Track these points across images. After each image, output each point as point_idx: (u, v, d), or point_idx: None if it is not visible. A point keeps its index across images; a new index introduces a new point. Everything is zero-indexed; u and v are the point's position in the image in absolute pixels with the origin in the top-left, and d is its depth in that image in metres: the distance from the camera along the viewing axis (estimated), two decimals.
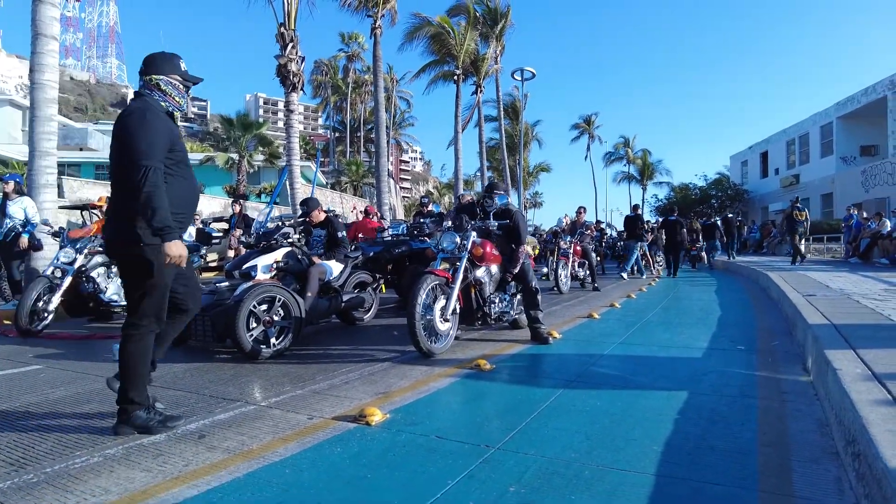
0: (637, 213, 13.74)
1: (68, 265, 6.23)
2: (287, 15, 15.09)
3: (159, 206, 2.59)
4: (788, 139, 30.99)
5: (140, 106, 2.76)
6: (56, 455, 2.47)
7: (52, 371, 4.24)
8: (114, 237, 2.81)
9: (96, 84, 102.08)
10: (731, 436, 2.65)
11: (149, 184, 2.56)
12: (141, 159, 2.58)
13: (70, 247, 6.36)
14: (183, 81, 2.94)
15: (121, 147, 2.69)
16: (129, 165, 2.60)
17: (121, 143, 2.69)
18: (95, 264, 6.55)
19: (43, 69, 7.92)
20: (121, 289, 6.72)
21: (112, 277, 6.70)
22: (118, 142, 2.72)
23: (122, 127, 2.71)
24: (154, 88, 2.86)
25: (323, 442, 2.60)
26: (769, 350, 4.72)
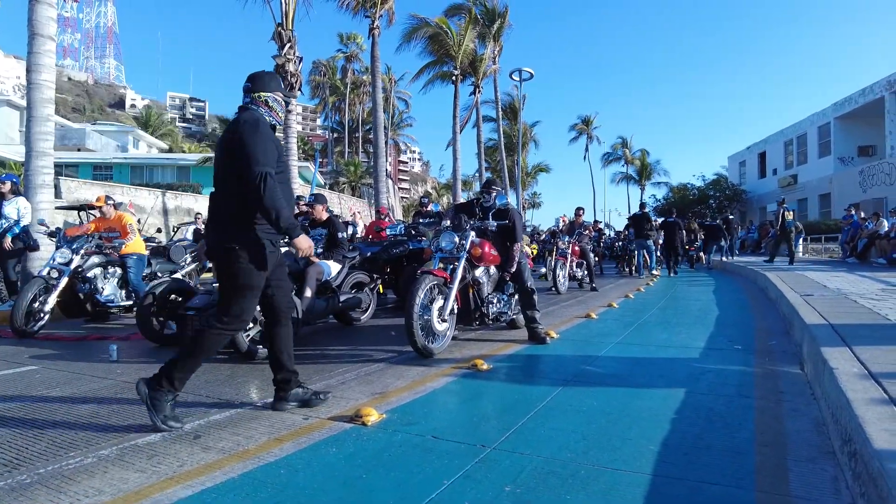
0: (644, 212, 14.00)
1: (64, 266, 6.18)
2: (285, 15, 15.07)
3: (281, 207, 2.82)
4: (786, 139, 31.04)
5: (252, 117, 2.96)
6: (50, 456, 2.46)
7: (48, 372, 4.22)
8: (215, 239, 2.97)
9: (94, 84, 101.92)
10: (728, 435, 2.64)
11: (268, 189, 2.77)
12: (258, 166, 2.77)
13: (66, 247, 6.31)
14: (284, 98, 3.20)
15: (233, 155, 2.86)
16: (246, 172, 2.79)
17: (234, 151, 2.86)
18: (92, 265, 6.50)
19: (40, 69, 7.90)
20: (118, 289, 6.69)
21: (109, 278, 6.66)
22: (229, 150, 2.89)
23: (236, 137, 2.86)
24: (261, 104, 3.07)
25: (318, 442, 2.59)
26: (767, 350, 4.72)
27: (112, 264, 6.73)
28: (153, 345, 5.21)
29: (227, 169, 2.90)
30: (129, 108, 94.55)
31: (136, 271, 6.78)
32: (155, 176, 31.73)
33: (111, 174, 31.59)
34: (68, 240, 6.43)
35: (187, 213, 20.28)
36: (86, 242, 6.45)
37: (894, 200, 20.08)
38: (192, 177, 30.81)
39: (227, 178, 2.92)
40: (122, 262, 6.77)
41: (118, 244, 6.72)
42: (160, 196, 20.20)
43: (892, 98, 22.12)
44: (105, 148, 37.64)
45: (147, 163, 34.04)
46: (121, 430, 2.80)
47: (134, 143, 44.67)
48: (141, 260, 6.96)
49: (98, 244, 6.64)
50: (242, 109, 3.05)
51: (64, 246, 6.33)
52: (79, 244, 6.37)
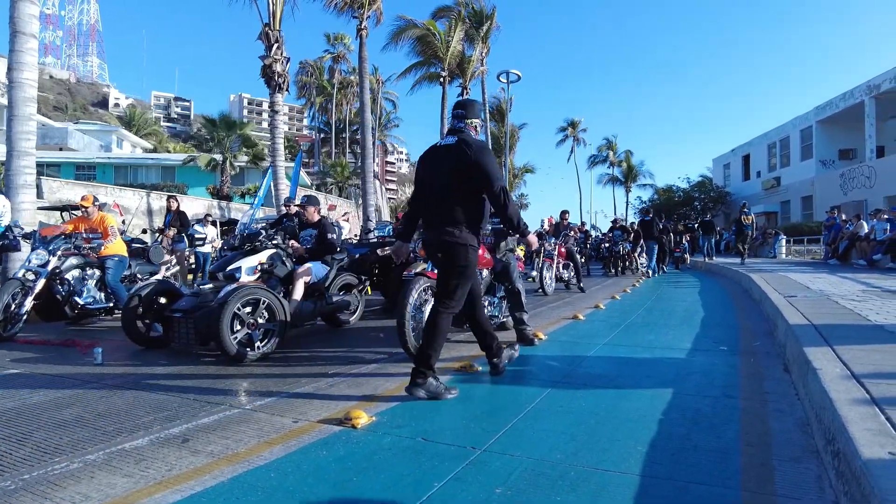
0: (651, 217, 15.29)
1: (41, 267, 6.02)
2: (272, 15, 14.99)
3: (517, 212, 3.60)
4: (770, 142, 31.47)
5: (477, 141, 3.57)
6: (34, 461, 2.43)
7: (31, 375, 4.16)
8: (447, 239, 3.46)
9: (77, 83, 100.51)
10: (715, 436, 2.68)
11: (509, 199, 3.51)
12: (497, 182, 3.44)
13: (42, 248, 6.13)
14: (480, 123, 3.82)
15: (469, 172, 3.42)
16: (488, 187, 3.44)
17: (468, 169, 3.42)
18: (70, 266, 6.33)
19: (21, 67, 7.78)
20: (98, 291, 6.54)
21: (87, 280, 6.50)
22: (461, 168, 3.43)
23: (471, 158, 3.41)
24: (472, 129, 3.65)
25: (308, 445, 2.58)
26: (751, 350, 4.78)
27: (90, 266, 6.55)
28: (138, 347, 5.15)
29: (460, 183, 3.46)
30: (113, 107, 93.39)
31: (114, 273, 6.60)
32: (139, 176, 31.37)
33: (94, 174, 31.15)
34: (44, 241, 6.23)
35: None
36: (63, 243, 6.29)
37: (874, 203, 20.44)
38: (176, 177, 30.52)
39: (457, 190, 3.47)
40: (101, 264, 6.59)
41: (97, 245, 6.55)
42: (145, 196, 19.98)
43: (872, 102, 22.52)
44: (88, 147, 37.15)
45: (131, 163, 33.63)
46: (108, 434, 2.77)
47: (118, 142, 44.15)
48: (121, 262, 6.79)
49: (77, 245, 6.46)
50: (457, 132, 3.60)
51: (40, 247, 6.15)
52: (55, 245, 6.20)
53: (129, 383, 3.84)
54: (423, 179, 3.72)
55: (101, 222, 6.76)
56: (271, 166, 16.62)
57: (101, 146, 39.88)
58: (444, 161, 3.53)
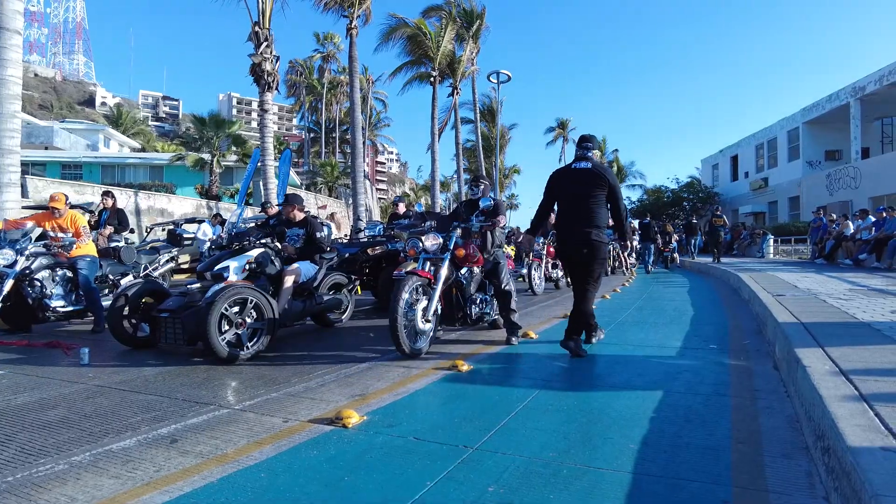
0: (649, 220, 16.81)
1: (8, 268, 5.63)
2: (261, 13, 14.90)
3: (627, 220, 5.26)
4: (758, 143, 31.75)
5: (604, 165, 5.00)
6: (19, 463, 2.38)
7: (15, 377, 4.09)
8: (591, 238, 4.43)
9: (62, 81, 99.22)
10: (706, 433, 2.69)
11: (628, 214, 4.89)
12: (623, 199, 4.60)
13: (9, 247, 5.74)
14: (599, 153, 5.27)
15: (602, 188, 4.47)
16: (616, 202, 4.54)
17: (603, 185, 4.47)
18: (40, 266, 5.90)
19: (6, 64, 7.68)
20: (69, 293, 6.16)
21: (58, 281, 6.12)
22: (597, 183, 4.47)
23: (605, 177, 4.50)
24: (595, 155, 4.74)
25: (299, 445, 2.56)
26: (741, 348, 4.81)
27: (60, 266, 6.12)
28: (125, 348, 5.09)
29: (597, 195, 4.46)
30: (100, 105, 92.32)
31: (88, 274, 6.23)
32: (127, 175, 31.04)
33: (81, 173, 30.78)
34: (10, 239, 5.82)
35: (160, 214, 19.89)
36: (30, 242, 5.91)
37: (859, 203, 20.67)
38: (165, 176, 30.25)
39: (595, 202, 4.46)
40: (73, 265, 6.19)
41: (68, 243, 6.15)
42: (133, 196, 19.77)
43: (857, 104, 22.78)
44: (74, 146, 36.70)
45: (119, 162, 33.26)
46: (94, 435, 2.73)
47: (105, 141, 43.67)
48: (94, 262, 6.45)
49: (46, 245, 6.11)
50: (586, 158, 4.62)
51: (6, 246, 5.75)
52: (23, 244, 5.82)
53: (117, 384, 3.79)
54: (560, 192, 4.71)
55: (72, 222, 6.45)
56: (252, 164, 16.55)
57: (88, 145, 39.42)
58: (584, 180, 4.52)
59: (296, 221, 6.10)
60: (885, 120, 24.23)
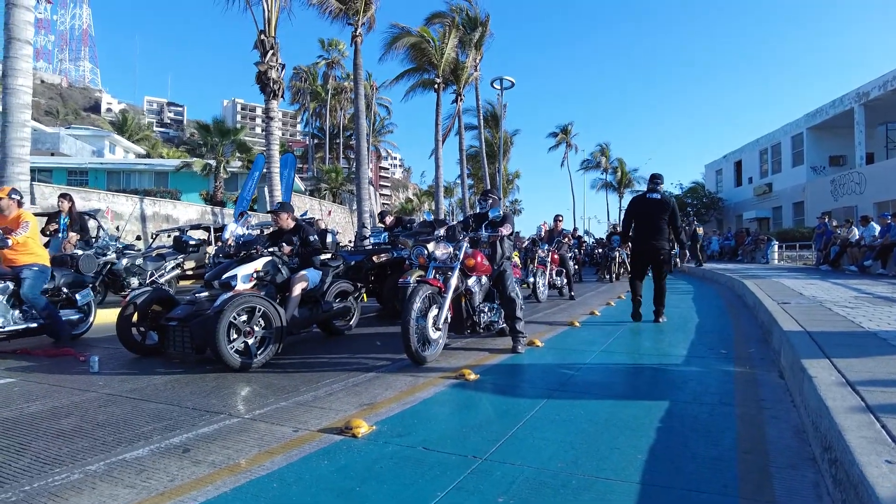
0: None
1: None
2: (267, 22, 15.02)
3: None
4: (761, 149, 31.73)
5: (670, 198, 6.84)
6: (35, 472, 2.42)
7: (27, 385, 4.13)
8: (663, 248, 6.57)
9: (68, 88, 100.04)
10: (712, 443, 2.71)
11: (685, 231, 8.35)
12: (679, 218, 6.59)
13: None
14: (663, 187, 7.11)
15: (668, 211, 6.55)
16: (677, 222, 6.59)
17: (669, 210, 6.55)
18: None
19: (16, 74, 7.76)
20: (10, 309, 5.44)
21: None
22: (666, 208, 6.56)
23: (671, 205, 6.60)
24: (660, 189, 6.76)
25: (309, 455, 2.59)
26: (746, 357, 4.82)
27: (3, 278, 5.43)
28: (134, 356, 5.13)
29: (663, 217, 6.54)
30: (105, 112, 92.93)
31: (32, 285, 5.48)
32: (132, 181, 31.21)
33: (86, 179, 30.96)
34: None
35: (166, 220, 19.96)
36: None
37: (864, 209, 20.62)
38: (170, 182, 30.39)
39: (664, 223, 6.55)
40: (17, 276, 5.44)
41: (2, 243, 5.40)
42: (138, 202, 19.88)
43: (861, 110, 22.76)
44: (80, 153, 36.94)
45: (124, 168, 33.44)
46: (108, 444, 2.76)
47: (110, 147, 43.91)
48: (42, 272, 5.64)
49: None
50: (656, 191, 6.72)
51: None
52: None
53: (127, 392, 3.83)
54: (638, 215, 6.75)
55: (16, 221, 5.59)
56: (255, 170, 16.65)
57: (94, 151, 39.66)
58: (656, 207, 6.59)
59: (288, 229, 6.07)
60: (889, 125, 24.15)
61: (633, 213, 6.85)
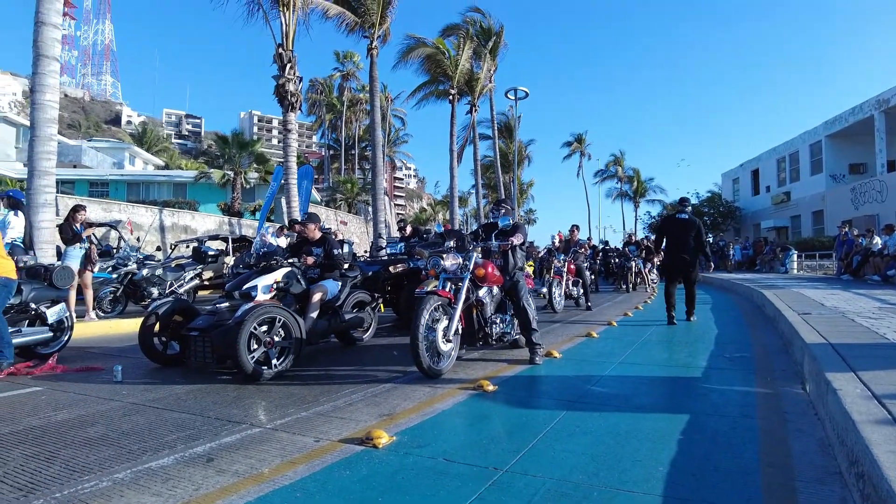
0: None
1: None
2: (285, 36, 15.26)
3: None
4: (779, 157, 31.42)
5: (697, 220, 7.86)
6: (64, 480, 2.47)
7: (53, 393, 4.22)
8: (692, 260, 7.68)
9: (90, 101, 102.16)
10: (735, 456, 2.68)
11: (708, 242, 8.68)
12: (704, 234, 7.89)
13: None
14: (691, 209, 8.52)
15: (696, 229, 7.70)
16: (702, 238, 7.74)
17: (697, 228, 7.70)
18: None
19: (44, 90, 7.97)
20: None
21: None
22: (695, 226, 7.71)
23: (697, 225, 7.75)
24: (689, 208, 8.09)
25: (332, 465, 2.61)
26: (767, 369, 4.77)
27: None
28: (155, 365, 5.21)
29: (691, 234, 7.61)
30: (125, 124, 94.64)
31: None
32: (151, 193, 31.70)
33: (107, 191, 31.51)
34: None
35: (184, 230, 20.27)
36: None
37: (886, 217, 20.28)
38: (188, 193, 30.82)
39: (692, 239, 7.61)
40: None
41: None
42: (157, 213, 20.20)
43: (882, 117, 22.47)
44: (101, 165, 37.64)
45: (143, 179, 34.00)
46: (134, 452, 2.81)
47: (130, 159, 44.68)
48: (5, 286, 5.13)
49: None
50: (685, 211, 7.92)
51: None
52: None
53: (150, 401, 3.89)
54: (669, 232, 7.93)
55: None
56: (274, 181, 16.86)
57: (114, 163, 40.39)
58: (686, 226, 7.72)
59: (314, 240, 6.20)
60: None
61: (665, 231, 8.07)
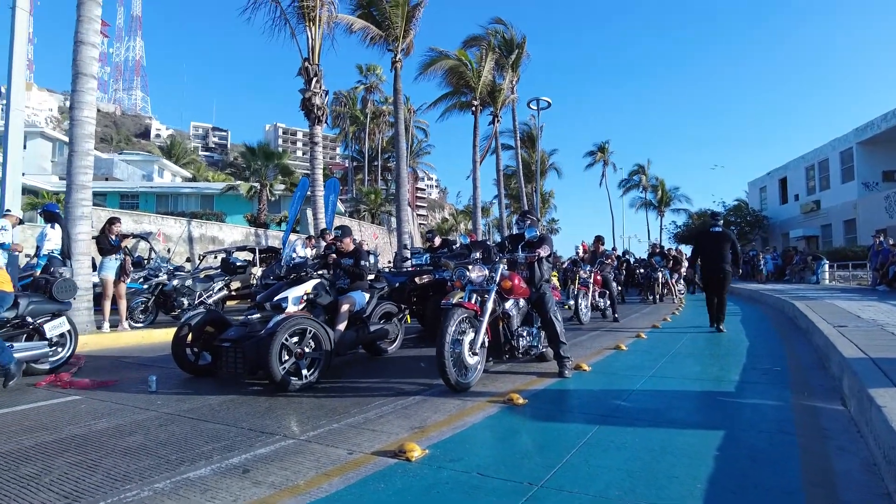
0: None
1: None
2: (311, 50, 15.54)
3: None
4: (807, 165, 30.79)
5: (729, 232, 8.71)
6: (107, 488, 2.53)
7: (92, 402, 4.33)
8: (727, 270, 8.16)
9: (121, 115, 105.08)
10: (775, 474, 2.62)
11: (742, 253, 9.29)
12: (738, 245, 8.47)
13: None
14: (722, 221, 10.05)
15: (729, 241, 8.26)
16: (737, 249, 8.36)
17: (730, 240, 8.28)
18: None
19: (82, 106, 8.24)
20: None
21: None
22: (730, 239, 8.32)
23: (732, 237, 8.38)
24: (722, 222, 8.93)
25: (366, 478, 2.63)
26: (803, 383, 4.65)
27: None
28: (187, 375, 5.31)
29: (726, 246, 8.16)
30: (154, 137, 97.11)
31: None
32: (180, 204, 32.43)
33: (137, 203, 32.34)
34: None
35: (212, 241, 20.62)
36: None
37: None
38: (215, 205, 31.43)
39: (727, 251, 8.13)
40: None
41: None
42: (186, 224, 20.61)
43: None
44: (132, 177, 38.67)
45: (172, 191, 34.81)
46: (171, 463, 2.86)
47: (159, 171, 45.80)
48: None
49: None
50: (719, 225, 8.57)
51: None
52: None
53: (185, 412, 3.96)
54: (704, 245, 8.45)
55: None
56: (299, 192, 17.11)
57: (144, 175, 41.47)
58: (718, 238, 8.28)
59: (347, 252, 6.31)
60: None
61: (700, 244, 8.67)
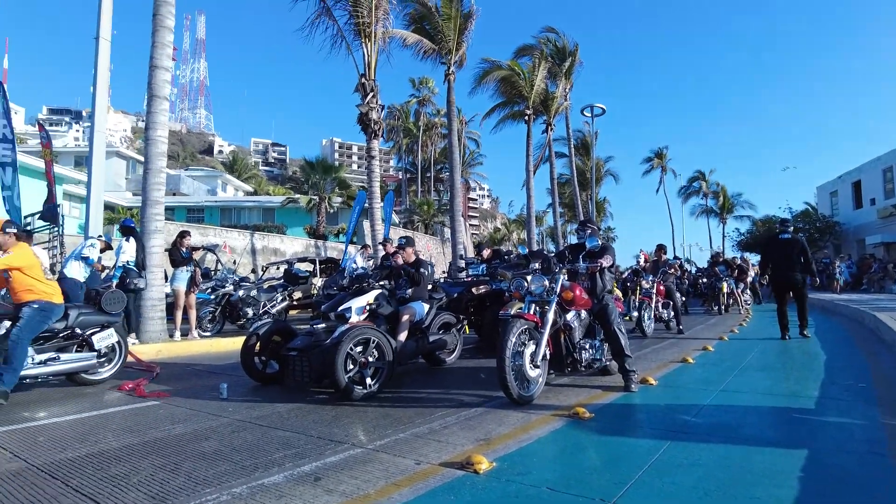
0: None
1: None
2: (367, 66, 15.91)
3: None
4: (884, 167, 28.92)
5: (800, 238, 8.49)
6: (189, 491, 2.64)
7: (169, 407, 4.55)
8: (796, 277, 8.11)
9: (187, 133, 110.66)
10: (872, 498, 2.46)
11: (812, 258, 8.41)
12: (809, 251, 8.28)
13: None
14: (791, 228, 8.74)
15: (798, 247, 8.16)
16: (808, 256, 8.17)
17: (801, 248, 8.17)
18: None
19: (156, 126, 8.73)
20: None
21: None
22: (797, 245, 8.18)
23: (801, 243, 8.23)
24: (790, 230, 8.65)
25: (436, 489, 2.64)
26: (893, 400, 4.35)
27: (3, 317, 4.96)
28: (255, 383, 5.49)
29: (795, 252, 8.10)
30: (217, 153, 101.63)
31: (26, 325, 4.82)
32: (242, 217, 33.71)
33: (203, 216, 33.85)
34: None
35: (274, 253, 21.34)
36: None
37: None
38: (276, 218, 32.50)
39: (796, 257, 8.08)
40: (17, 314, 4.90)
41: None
42: (249, 237, 21.41)
43: None
44: (197, 192, 40.52)
45: (235, 205, 36.26)
46: (247, 468, 2.97)
47: (222, 186, 47.81)
48: (44, 311, 4.97)
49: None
50: (788, 231, 8.42)
51: None
52: None
53: (255, 419, 4.10)
54: (773, 251, 8.44)
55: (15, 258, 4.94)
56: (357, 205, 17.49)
57: (208, 190, 43.37)
58: (790, 245, 8.20)
59: (410, 262, 6.40)
60: None
61: (769, 251, 8.66)
